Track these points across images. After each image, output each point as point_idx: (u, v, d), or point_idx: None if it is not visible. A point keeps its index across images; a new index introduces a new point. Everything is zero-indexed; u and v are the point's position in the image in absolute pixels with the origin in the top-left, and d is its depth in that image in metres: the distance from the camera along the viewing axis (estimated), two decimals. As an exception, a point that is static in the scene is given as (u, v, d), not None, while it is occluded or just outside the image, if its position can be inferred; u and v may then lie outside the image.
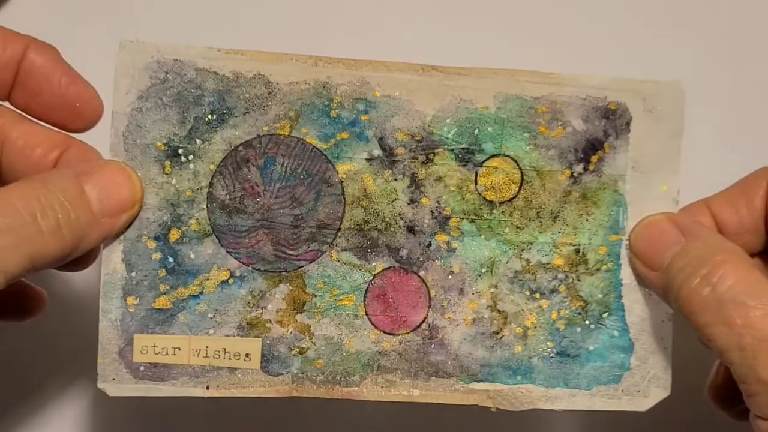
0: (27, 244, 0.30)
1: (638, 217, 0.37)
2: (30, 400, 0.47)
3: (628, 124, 0.36)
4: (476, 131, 0.36)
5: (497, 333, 0.36)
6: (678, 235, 0.35)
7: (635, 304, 0.37)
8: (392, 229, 0.36)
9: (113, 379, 0.35)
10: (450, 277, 0.36)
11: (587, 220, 0.37)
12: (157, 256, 0.35)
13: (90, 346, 0.35)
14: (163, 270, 0.35)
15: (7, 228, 0.30)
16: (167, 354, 0.35)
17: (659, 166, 0.37)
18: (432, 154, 0.36)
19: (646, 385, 0.37)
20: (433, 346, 0.36)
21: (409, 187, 0.36)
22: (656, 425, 0.42)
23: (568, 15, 0.50)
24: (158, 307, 0.35)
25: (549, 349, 0.37)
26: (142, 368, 0.35)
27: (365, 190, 0.36)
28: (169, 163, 0.35)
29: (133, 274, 0.35)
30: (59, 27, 0.47)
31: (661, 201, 0.37)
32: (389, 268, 0.36)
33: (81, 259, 0.35)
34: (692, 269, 0.33)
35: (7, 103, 0.36)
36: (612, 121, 0.36)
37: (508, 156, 0.36)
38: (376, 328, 0.36)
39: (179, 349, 0.35)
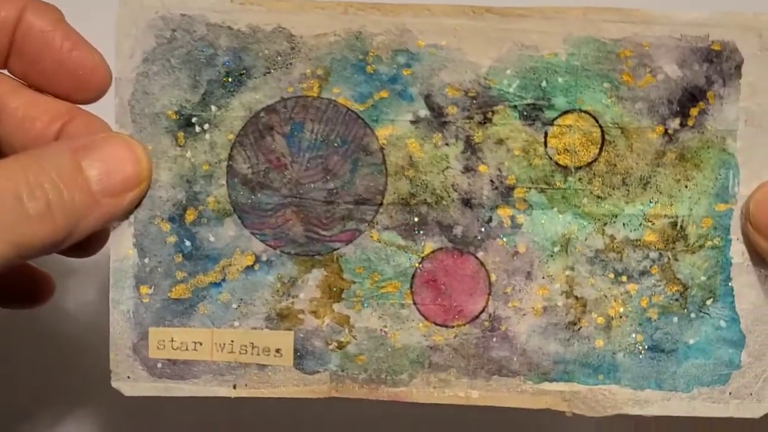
0: (9, 231, 0.29)
1: (754, 182, 0.34)
2: (42, 402, 0.48)
3: (738, 67, 0.33)
4: (544, 83, 0.33)
5: (574, 324, 0.34)
6: None
7: (748, 288, 0.34)
8: (444, 203, 0.34)
9: (128, 377, 0.34)
10: (515, 258, 0.34)
11: (687, 187, 0.34)
12: (172, 239, 0.34)
13: (104, 341, 0.34)
14: (180, 255, 0.34)
15: None
16: (187, 349, 0.34)
17: None
18: (490, 113, 0.33)
19: (761, 386, 0.34)
20: (495, 339, 0.34)
21: (463, 152, 0.34)
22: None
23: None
24: (175, 297, 0.34)
25: (638, 343, 0.34)
26: (159, 365, 0.34)
27: (411, 157, 0.34)
28: (182, 133, 0.34)
29: (146, 260, 0.34)
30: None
31: None
32: (441, 249, 0.34)
33: (86, 243, 0.34)
34: None
35: (5, 71, 0.35)
36: (717, 64, 0.33)
37: (585, 111, 0.33)
38: (427, 319, 0.34)
39: (200, 344, 0.34)
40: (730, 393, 0.34)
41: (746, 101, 0.33)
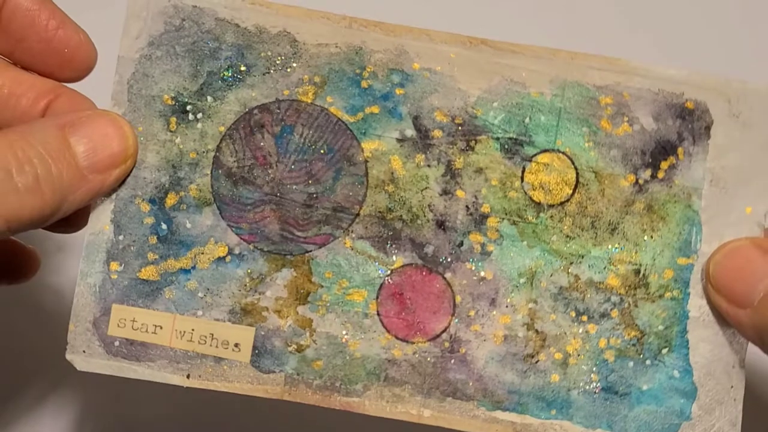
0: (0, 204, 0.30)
1: (714, 241, 0.35)
2: (26, 378, 0.48)
3: (708, 128, 0.34)
4: (527, 120, 0.35)
5: (532, 356, 0.34)
6: None
7: (703, 342, 0.34)
8: (419, 221, 0.35)
9: (83, 351, 0.34)
10: (481, 283, 0.35)
11: (652, 237, 0.35)
12: (149, 220, 0.34)
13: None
14: (155, 237, 0.34)
15: None
16: (146, 332, 0.34)
17: (744, 183, 0.34)
18: (473, 141, 0.35)
19: None
20: (453, 361, 0.34)
21: (443, 175, 0.35)
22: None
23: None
24: (144, 277, 0.34)
25: (593, 383, 0.34)
26: (116, 343, 0.34)
27: (392, 173, 0.35)
28: (175, 119, 0.34)
29: (121, 237, 0.34)
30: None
31: (744, 225, 0.34)
32: (410, 264, 0.35)
33: (72, 219, 0.34)
34: None
35: (-9, 49, 0.36)
36: (689, 122, 0.35)
37: (563, 152, 0.35)
38: (388, 331, 0.34)
39: (161, 328, 0.34)
40: None
41: (713, 162, 0.35)
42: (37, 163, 0.31)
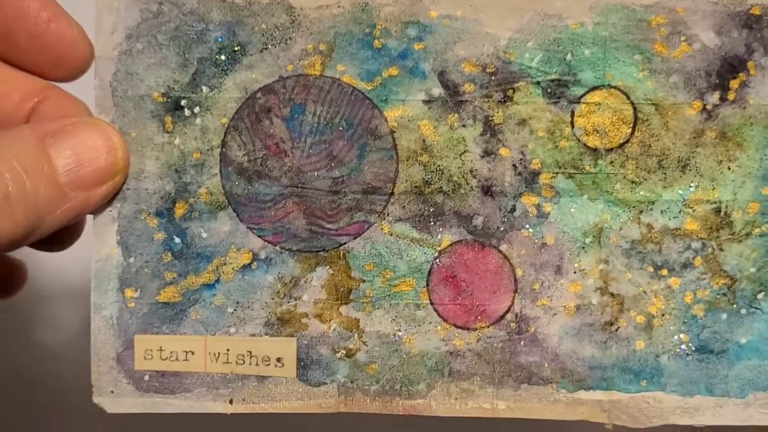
0: None
1: None
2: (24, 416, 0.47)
3: None
4: (569, 56, 0.32)
5: (611, 324, 0.32)
6: None
7: None
8: (462, 190, 0.32)
9: (111, 391, 0.32)
10: (542, 251, 0.32)
11: (730, 169, 0.32)
12: (160, 236, 0.32)
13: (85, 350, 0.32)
14: (169, 254, 0.32)
15: None
16: (177, 360, 0.32)
17: None
18: (511, 90, 0.32)
19: None
20: (523, 342, 0.32)
21: (482, 134, 0.32)
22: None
23: None
24: (164, 300, 0.32)
25: (683, 344, 0.32)
26: (146, 378, 0.32)
27: (424, 141, 0.32)
28: (170, 118, 0.32)
29: (132, 259, 0.32)
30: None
31: None
32: (460, 241, 0.32)
33: (57, 237, 0.32)
34: None
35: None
36: (757, 31, 0.32)
37: (615, 87, 0.32)
38: (446, 321, 0.32)
39: (192, 353, 0.32)
40: None
41: (792, 71, 0.31)
42: (9, 179, 0.28)
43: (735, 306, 0.32)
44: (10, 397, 0.46)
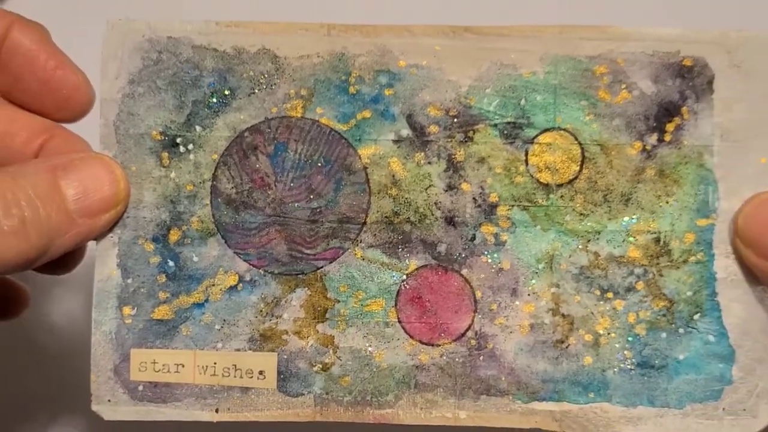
0: None
1: (733, 197, 0.34)
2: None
3: (710, 83, 0.34)
4: (523, 101, 0.34)
5: (562, 341, 0.34)
6: None
7: (734, 302, 0.34)
8: (428, 221, 0.35)
9: (108, 400, 0.34)
10: (499, 275, 0.35)
11: (668, 202, 0.34)
12: (155, 259, 0.35)
13: (85, 363, 0.34)
14: (163, 276, 0.35)
15: None
16: (169, 371, 0.34)
17: (756, 134, 0.34)
18: (471, 132, 0.34)
19: (754, 402, 0.34)
20: (482, 358, 0.34)
21: (445, 171, 0.35)
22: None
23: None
24: (158, 317, 0.35)
25: (627, 360, 0.34)
26: (140, 388, 0.34)
27: (394, 176, 0.35)
28: (166, 154, 0.35)
29: (130, 280, 0.34)
30: (52, 6, 0.47)
31: (762, 176, 0.34)
32: (425, 266, 0.35)
33: (61, 261, 0.35)
34: None
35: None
36: (689, 80, 0.34)
37: (564, 129, 0.34)
38: (412, 337, 0.34)
39: (183, 366, 0.34)
40: (723, 409, 0.34)
41: (720, 116, 0.34)
42: (25, 206, 0.31)
43: (674, 326, 0.34)
44: (10, 407, 0.48)
